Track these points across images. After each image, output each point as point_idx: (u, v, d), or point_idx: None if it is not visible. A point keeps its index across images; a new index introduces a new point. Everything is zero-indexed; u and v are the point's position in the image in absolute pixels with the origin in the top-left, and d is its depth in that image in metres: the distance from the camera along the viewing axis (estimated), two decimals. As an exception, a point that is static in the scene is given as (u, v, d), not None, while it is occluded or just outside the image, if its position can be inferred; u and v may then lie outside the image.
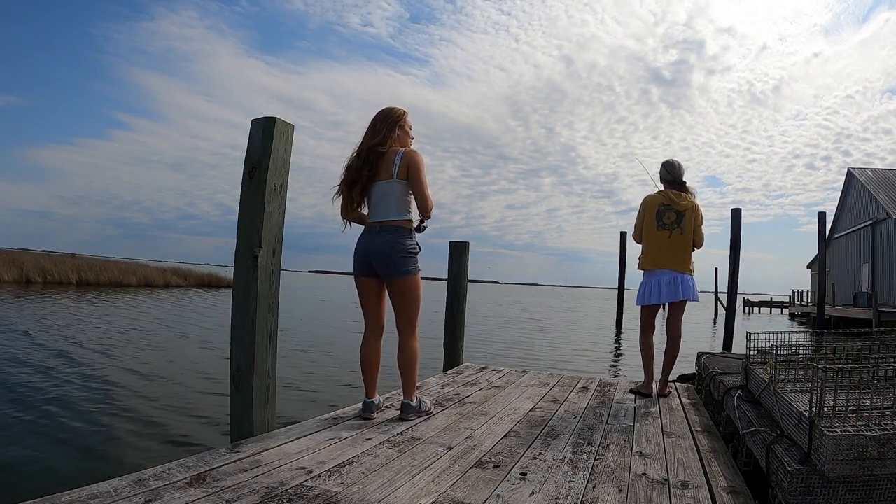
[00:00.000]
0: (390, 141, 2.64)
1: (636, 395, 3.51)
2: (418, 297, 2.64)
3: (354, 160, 2.65)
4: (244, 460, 1.88)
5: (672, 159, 3.58)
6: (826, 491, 1.58)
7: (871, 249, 23.42)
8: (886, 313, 15.54)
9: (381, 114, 2.68)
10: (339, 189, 2.68)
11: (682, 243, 3.45)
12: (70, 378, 5.74)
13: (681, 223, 3.44)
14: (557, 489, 1.77)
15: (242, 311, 2.19)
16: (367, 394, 2.69)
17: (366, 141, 2.65)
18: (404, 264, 2.56)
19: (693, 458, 2.19)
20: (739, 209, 6.14)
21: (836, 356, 2.45)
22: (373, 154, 2.61)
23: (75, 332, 9.29)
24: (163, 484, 1.62)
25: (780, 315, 32.11)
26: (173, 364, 7.05)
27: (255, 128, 2.24)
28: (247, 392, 2.15)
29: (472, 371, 4.31)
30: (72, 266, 24.46)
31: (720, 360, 3.98)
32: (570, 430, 2.57)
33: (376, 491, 1.68)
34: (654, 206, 3.50)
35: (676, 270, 3.44)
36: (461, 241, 4.65)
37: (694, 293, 3.46)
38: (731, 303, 6.47)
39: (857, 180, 25.16)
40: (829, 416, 1.62)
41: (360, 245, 2.65)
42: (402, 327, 2.65)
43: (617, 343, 12.51)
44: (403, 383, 2.67)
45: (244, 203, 2.23)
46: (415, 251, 2.62)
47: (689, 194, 3.51)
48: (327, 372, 6.93)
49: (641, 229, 3.57)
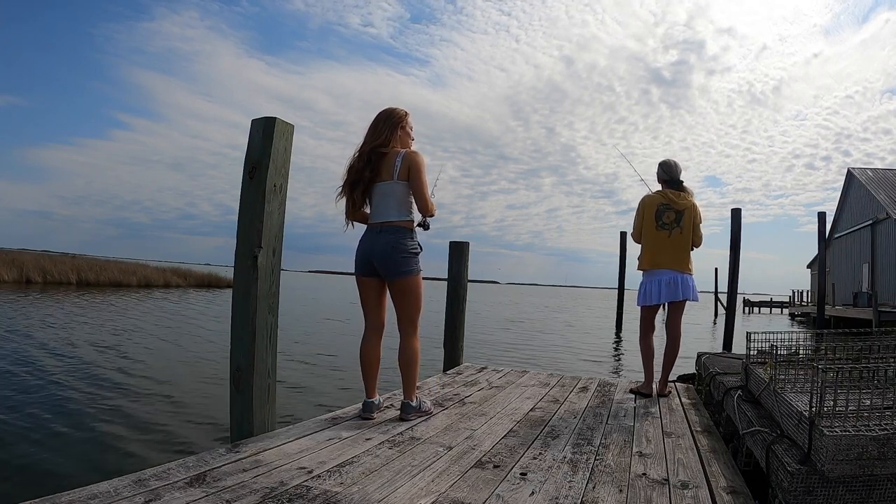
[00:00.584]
0: (392, 142, 2.63)
1: (636, 395, 3.52)
2: (419, 297, 2.65)
3: (356, 161, 2.65)
4: (244, 460, 1.88)
5: (669, 159, 3.58)
6: (826, 491, 1.58)
7: (871, 249, 23.42)
8: (886, 313, 15.54)
9: (382, 114, 2.67)
10: (342, 190, 2.68)
11: (682, 243, 3.45)
12: (70, 378, 5.74)
13: (680, 222, 3.44)
14: (557, 489, 1.77)
15: (242, 311, 2.19)
16: (367, 394, 2.69)
17: (367, 141, 2.64)
18: (405, 264, 2.56)
19: (693, 458, 2.19)
20: (739, 209, 6.13)
21: (836, 356, 2.44)
22: (374, 155, 2.60)
23: (75, 332, 9.29)
24: (163, 484, 1.62)
25: (780, 315, 32.11)
26: (173, 364, 7.05)
27: (255, 128, 2.24)
28: (247, 392, 2.15)
29: (472, 371, 4.31)
30: (72, 266, 24.47)
31: (720, 360, 3.98)
32: (570, 430, 2.57)
33: (376, 491, 1.68)
34: (653, 206, 3.50)
35: (676, 270, 3.44)
36: (461, 241, 4.65)
37: (694, 293, 3.47)
38: (731, 303, 6.47)
39: (857, 180, 25.16)
40: (829, 416, 1.62)
41: (361, 245, 2.65)
42: (403, 327, 2.65)
43: (617, 343, 12.51)
44: (404, 383, 2.67)
45: (244, 203, 2.23)
46: (416, 251, 2.62)
47: (688, 194, 3.51)
48: (324, 372, 6.93)
49: (641, 229, 3.57)
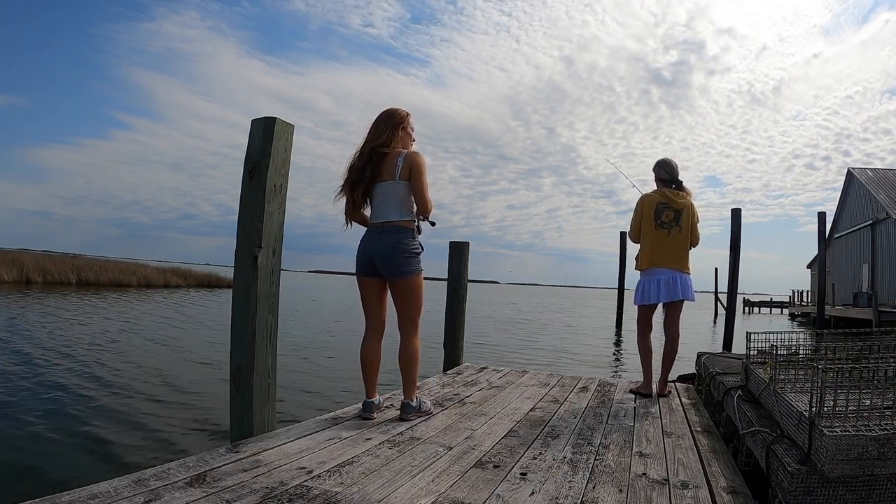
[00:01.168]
0: (393, 142, 2.63)
1: (636, 395, 3.52)
2: (420, 297, 2.65)
3: (357, 160, 2.64)
4: (244, 460, 1.88)
5: (668, 158, 3.58)
6: (826, 491, 1.58)
7: (871, 249, 23.42)
8: (886, 313, 15.53)
9: (384, 114, 2.67)
10: (342, 189, 2.68)
11: (681, 242, 3.45)
12: (69, 378, 5.74)
13: (679, 221, 3.44)
14: (557, 489, 1.77)
15: (242, 311, 2.19)
16: (368, 394, 2.69)
17: (368, 141, 2.64)
18: (406, 264, 2.56)
19: (693, 458, 2.19)
20: (739, 209, 6.14)
21: (836, 356, 2.44)
22: (375, 154, 2.60)
23: (75, 332, 9.29)
24: (163, 484, 1.62)
25: (780, 315, 32.10)
26: (173, 364, 7.05)
27: (255, 128, 2.24)
28: (247, 392, 2.15)
29: (472, 371, 4.31)
30: (72, 266, 24.46)
31: (720, 360, 3.98)
32: (570, 430, 2.57)
33: (376, 491, 1.68)
34: (651, 205, 3.49)
35: (675, 269, 3.44)
36: (461, 241, 4.65)
37: (691, 293, 3.47)
38: (731, 303, 6.47)
39: (857, 180, 25.16)
40: (829, 416, 1.62)
41: (362, 245, 2.65)
42: (403, 327, 2.65)
43: (617, 343, 12.51)
44: (404, 383, 2.67)
45: (244, 203, 2.23)
46: (417, 251, 2.62)
47: (686, 193, 3.51)
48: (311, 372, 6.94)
49: (639, 229, 3.57)
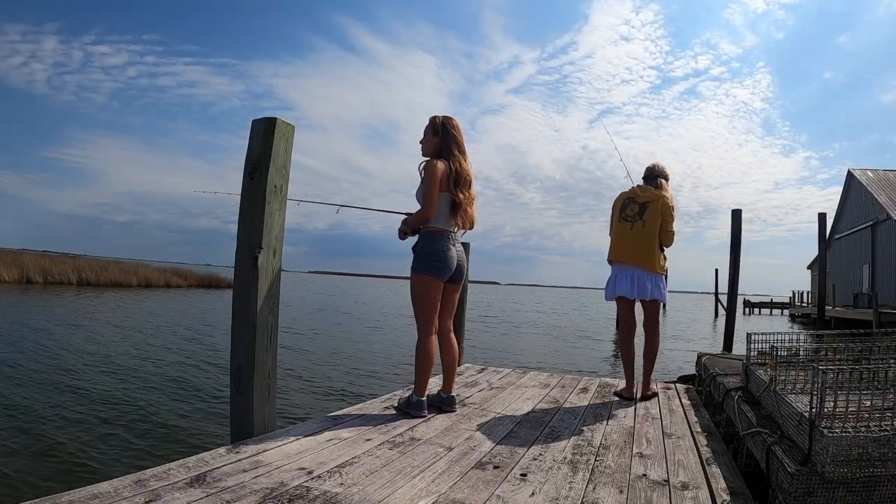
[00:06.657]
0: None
1: (619, 398, 3.44)
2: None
3: (461, 164, 2.78)
4: (244, 460, 1.88)
5: (656, 163, 3.53)
6: (826, 492, 1.58)
7: (871, 250, 23.42)
8: (887, 314, 15.51)
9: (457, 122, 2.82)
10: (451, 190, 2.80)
11: (644, 236, 3.31)
12: (69, 378, 5.74)
13: (643, 215, 3.32)
14: (557, 490, 1.77)
15: (242, 312, 2.19)
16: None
17: (464, 150, 2.81)
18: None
19: (693, 459, 2.19)
20: (740, 210, 6.13)
21: (836, 357, 2.44)
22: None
23: (75, 332, 9.29)
24: (163, 484, 1.62)
25: (781, 316, 32.10)
26: (173, 364, 7.05)
27: (255, 128, 2.24)
28: (247, 392, 2.15)
29: (472, 372, 4.31)
30: (72, 266, 24.49)
31: (720, 361, 3.98)
32: (570, 431, 2.57)
33: (376, 491, 1.68)
34: (620, 200, 3.47)
35: (637, 266, 3.30)
36: (461, 242, 4.62)
37: (661, 293, 3.32)
38: (732, 304, 6.47)
39: (858, 181, 25.15)
40: (829, 418, 1.62)
41: (448, 251, 2.77)
42: (453, 327, 2.96)
43: (616, 343, 12.51)
44: (445, 378, 2.86)
45: (245, 204, 2.23)
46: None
47: (658, 188, 3.39)
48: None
49: (612, 224, 3.51)
